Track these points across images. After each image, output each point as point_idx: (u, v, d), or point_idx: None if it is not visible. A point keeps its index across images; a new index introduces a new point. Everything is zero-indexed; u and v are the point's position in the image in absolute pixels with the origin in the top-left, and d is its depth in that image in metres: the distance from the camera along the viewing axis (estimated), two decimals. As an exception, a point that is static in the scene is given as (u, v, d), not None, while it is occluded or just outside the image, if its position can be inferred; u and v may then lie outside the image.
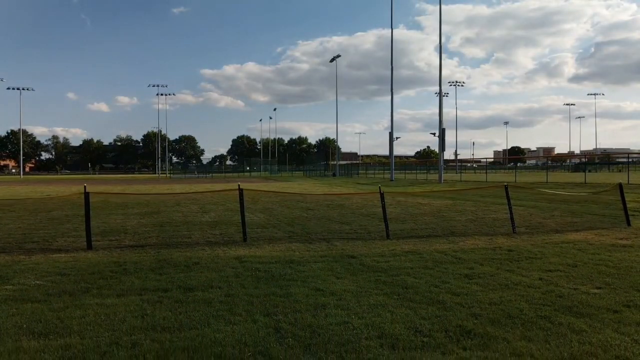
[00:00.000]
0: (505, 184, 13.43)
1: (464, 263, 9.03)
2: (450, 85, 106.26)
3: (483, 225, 14.48)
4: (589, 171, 70.14)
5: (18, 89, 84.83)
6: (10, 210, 20.34)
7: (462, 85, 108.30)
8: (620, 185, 13.50)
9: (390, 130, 54.49)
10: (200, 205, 22.38)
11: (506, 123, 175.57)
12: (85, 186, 10.89)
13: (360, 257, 9.72)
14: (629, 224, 13.65)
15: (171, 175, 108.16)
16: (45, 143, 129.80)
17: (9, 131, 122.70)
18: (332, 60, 78.61)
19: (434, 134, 50.73)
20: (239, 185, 12.12)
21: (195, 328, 5.58)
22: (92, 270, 8.66)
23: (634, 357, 4.63)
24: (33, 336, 5.36)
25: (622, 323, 5.62)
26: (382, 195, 12.36)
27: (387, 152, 64.89)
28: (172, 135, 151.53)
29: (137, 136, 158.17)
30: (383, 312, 6.12)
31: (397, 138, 56.19)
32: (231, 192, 25.90)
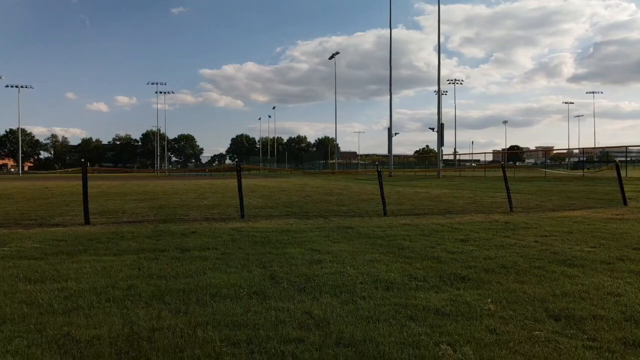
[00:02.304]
0: (502, 163, 13.44)
1: (460, 232, 9.06)
2: (449, 83, 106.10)
3: (480, 206, 14.53)
4: (587, 169, 70.26)
5: (16, 86, 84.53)
6: (8, 198, 20.37)
7: (461, 83, 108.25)
8: (617, 164, 13.53)
9: (389, 126, 54.54)
10: (198, 193, 22.43)
11: (505, 122, 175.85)
12: (82, 160, 10.89)
13: (356, 227, 9.76)
14: (625, 203, 13.69)
15: (170, 173, 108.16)
16: (44, 142, 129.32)
17: (8, 130, 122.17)
18: (331, 57, 78.71)
19: (432, 129, 50.83)
20: (237, 161, 12.11)
21: (191, 277, 5.61)
22: (89, 237, 8.68)
23: (626, 293, 4.67)
24: (29, 282, 5.39)
25: (615, 271, 5.66)
26: (379, 173, 12.39)
27: (386, 152, 64.89)
28: (171, 135, 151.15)
29: (136, 135, 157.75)
30: (378, 265, 6.16)
31: (395, 134, 56.22)
32: (229, 185, 25.89)
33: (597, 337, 3.49)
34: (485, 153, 54.20)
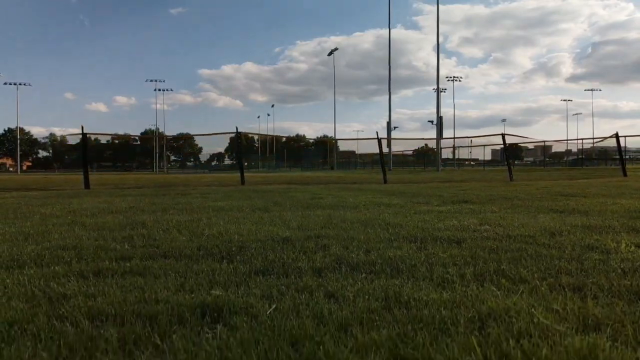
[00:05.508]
0: (502, 133, 13.48)
1: (461, 187, 9.08)
2: (448, 80, 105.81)
3: (481, 179, 14.58)
4: (586, 166, 70.36)
5: (14, 84, 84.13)
6: (7, 181, 20.41)
7: (459, 81, 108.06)
8: (616, 134, 13.56)
9: (388, 121, 54.58)
10: (198, 178, 22.47)
11: (504, 120, 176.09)
12: (82, 126, 10.90)
13: (357, 187, 9.78)
14: (625, 174, 13.71)
15: (169, 172, 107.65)
16: (43, 141, 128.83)
17: (6, 129, 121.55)
18: (330, 53, 78.69)
19: (431, 122, 50.95)
20: (236, 128, 12.14)
21: (194, 204, 5.59)
22: (90, 191, 8.69)
23: (628, 204, 4.68)
24: (31, 206, 5.38)
25: (616, 198, 5.67)
26: (379, 141, 12.38)
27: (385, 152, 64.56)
28: (170, 134, 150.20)
29: (135, 134, 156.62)
30: (380, 199, 6.15)
31: (395, 127, 56.25)
32: (228, 175, 25.58)
33: (601, 217, 3.50)
34: (485, 145, 53.92)
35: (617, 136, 13.61)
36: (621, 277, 1.66)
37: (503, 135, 12.87)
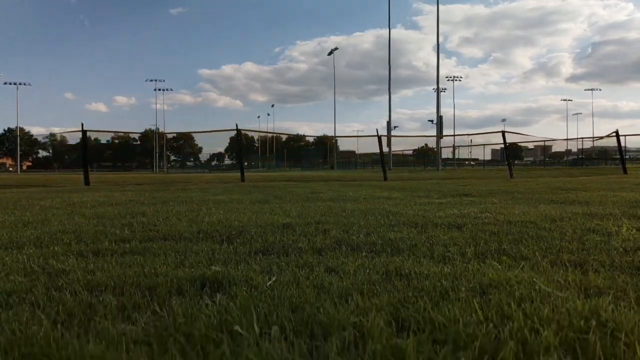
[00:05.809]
0: (503, 130, 13.47)
1: (460, 183, 9.08)
2: (448, 80, 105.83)
3: (481, 177, 14.58)
4: (586, 165, 70.46)
5: (14, 83, 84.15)
6: (6, 180, 20.43)
7: (459, 81, 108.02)
8: (616, 131, 13.55)
9: (388, 120, 54.57)
10: (198, 176, 22.48)
11: (504, 120, 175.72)
12: (82, 123, 10.90)
13: (357, 184, 9.77)
14: (625, 172, 13.71)
15: (168, 171, 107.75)
16: (43, 141, 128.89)
17: (6, 129, 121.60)
18: (330, 53, 78.66)
19: (431, 121, 50.96)
20: (236, 124, 12.14)
21: (193, 197, 5.60)
22: (88, 187, 8.69)
23: (629, 197, 4.67)
24: (32, 199, 5.38)
25: (617, 193, 5.67)
26: (379, 138, 12.37)
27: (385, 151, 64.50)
28: (170, 133, 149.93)
29: (135, 134, 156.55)
30: (380, 193, 6.16)
31: (395, 127, 56.27)
32: (228, 175, 25.65)
33: (602, 206, 3.49)
34: (485, 145, 53.82)
35: (617, 134, 13.61)
36: (623, 254, 1.66)
37: (503, 132, 12.88)
